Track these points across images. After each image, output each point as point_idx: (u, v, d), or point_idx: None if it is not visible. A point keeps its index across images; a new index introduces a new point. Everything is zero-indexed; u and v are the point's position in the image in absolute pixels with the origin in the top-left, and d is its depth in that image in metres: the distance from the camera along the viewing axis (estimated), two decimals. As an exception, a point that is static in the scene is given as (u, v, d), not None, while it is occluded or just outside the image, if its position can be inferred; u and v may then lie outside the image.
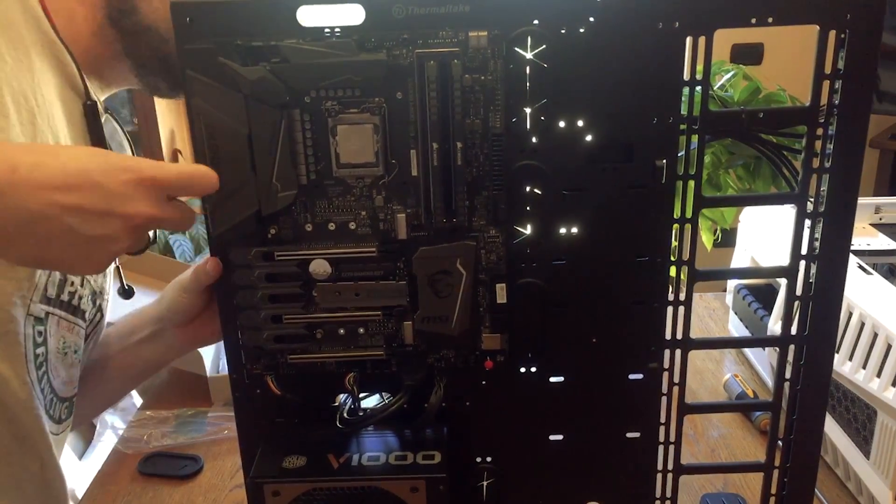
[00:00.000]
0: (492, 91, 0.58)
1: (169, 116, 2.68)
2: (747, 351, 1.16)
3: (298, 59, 0.57)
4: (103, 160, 0.54)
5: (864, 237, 1.08)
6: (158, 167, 0.55)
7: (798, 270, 0.64)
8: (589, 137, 0.60)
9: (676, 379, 0.67)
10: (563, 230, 0.63)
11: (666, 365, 0.67)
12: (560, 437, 0.69)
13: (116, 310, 0.85)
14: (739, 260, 1.18)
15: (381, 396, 0.68)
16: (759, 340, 1.10)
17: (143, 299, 0.82)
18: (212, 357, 1.12)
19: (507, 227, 0.62)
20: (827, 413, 0.70)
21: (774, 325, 0.98)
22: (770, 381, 1.05)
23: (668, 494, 0.71)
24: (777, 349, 0.67)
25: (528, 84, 0.59)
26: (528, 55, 0.58)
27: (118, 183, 0.53)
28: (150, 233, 0.69)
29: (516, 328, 0.65)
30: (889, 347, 0.79)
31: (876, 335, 0.81)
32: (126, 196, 0.53)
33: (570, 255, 0.63)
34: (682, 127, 0.60)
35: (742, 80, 1.09)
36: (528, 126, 0.60)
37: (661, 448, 0.70)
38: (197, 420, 1.06)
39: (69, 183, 0.51)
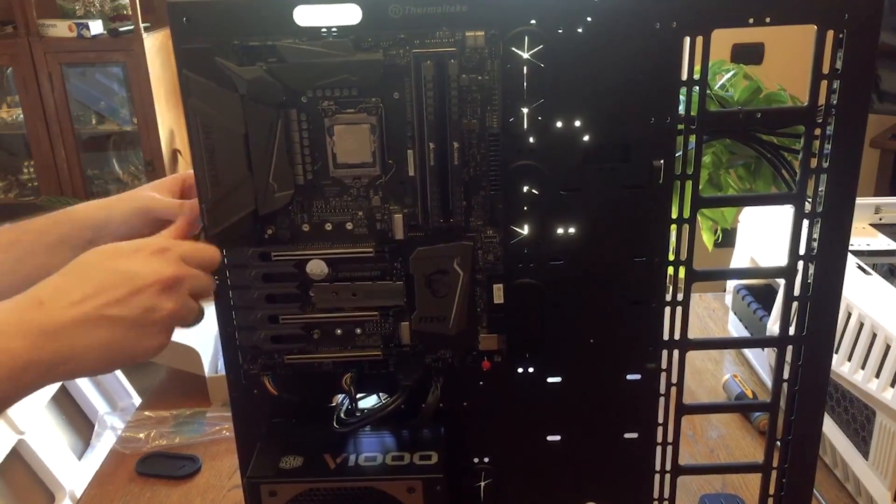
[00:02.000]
0: (489, 91, 0.58)
1: (168, 116, 2.68)
2: (747, 351, 1.16)
3: (295, 58, 0.57)
4: (110, 250, 0.57)
5: (864, 237, 1.08)
6: (161, 239, 0.60)
7: (796, 271, 0.64)
8: (586, 137, 0.60)
9: (674, 379, 0.67)
10: (560, 230, 0.63)
11: (664, 365, 0.67)
12: (558, 437, 0.69)
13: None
14: (739, 260, 1.18)
15: (379, 397, 0.68)
16: (758, 341, 1.10)
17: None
18: (210, 357, 1.12)
19: (504, 227, 0.62)
20: (826, 413, 0.70)
21: (773, 326, 0.97)
22: (769, 382, 1.05)
23: (667, 495, 0.71)
24: (776, 349, 0.67)
25: (525, 84, 0.59)
26: (526, 55, 0.58)
27: (130, 262, 0.56)
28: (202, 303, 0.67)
29: (514, 328, 0.65)
30: (888, 348, 0.79)
31: (875, 335, 0.81)
32: (141, 270, 0.56)
33: (568, 255, 0.63)
34: (680, 127, 0.60)
35: (742, 80, 1.09)
36: (526, 126, 0.60)
37: (659, 449, 0.70)
38: (195, 420, 1.06)
39: (94, 291, 0.54)
